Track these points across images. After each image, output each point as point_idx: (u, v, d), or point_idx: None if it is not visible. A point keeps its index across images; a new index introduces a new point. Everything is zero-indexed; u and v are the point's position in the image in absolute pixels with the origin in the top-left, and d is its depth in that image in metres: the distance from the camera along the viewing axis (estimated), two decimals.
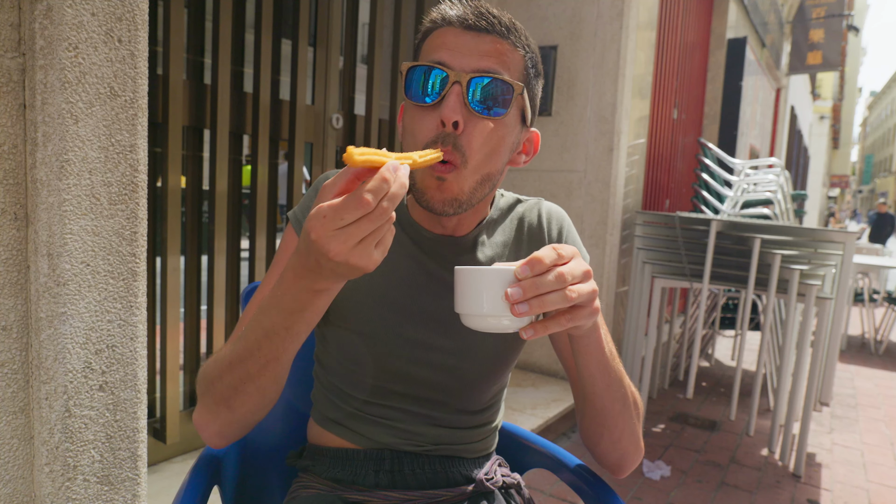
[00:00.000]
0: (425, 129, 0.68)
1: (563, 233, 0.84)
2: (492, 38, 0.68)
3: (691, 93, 4.27)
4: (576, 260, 0.57)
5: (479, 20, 0.68)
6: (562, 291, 0.54)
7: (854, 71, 35.99)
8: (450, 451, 0.80)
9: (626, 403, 0.73)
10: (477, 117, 0.67)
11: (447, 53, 0.67)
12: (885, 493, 2.28)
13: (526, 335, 0.56)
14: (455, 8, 0.69)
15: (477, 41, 0.68)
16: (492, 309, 0.56)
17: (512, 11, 2.80)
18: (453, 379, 0.78)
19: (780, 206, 3.15)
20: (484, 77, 0.66)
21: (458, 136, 0.67)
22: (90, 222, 0.79)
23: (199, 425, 0.69)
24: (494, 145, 0.69)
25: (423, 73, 0.68)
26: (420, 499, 0.75)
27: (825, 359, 2.53)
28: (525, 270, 0.54)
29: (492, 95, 0.67)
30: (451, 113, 0.65)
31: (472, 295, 0.57)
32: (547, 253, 0.55)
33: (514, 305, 0.54)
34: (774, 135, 7.50)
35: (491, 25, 0.68)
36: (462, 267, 0.59)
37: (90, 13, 0.76)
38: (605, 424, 0.74)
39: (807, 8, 7.50)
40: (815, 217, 17.53)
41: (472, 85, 0.66)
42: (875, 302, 5.21)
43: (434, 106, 0.67)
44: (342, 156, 0.52)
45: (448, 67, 0.67)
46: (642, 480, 2.23)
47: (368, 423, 0.79)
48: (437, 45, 0.69)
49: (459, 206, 0.70)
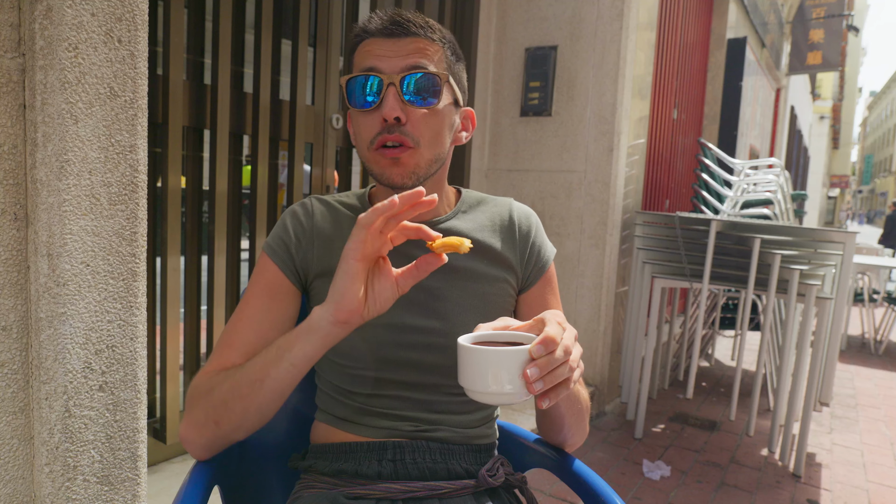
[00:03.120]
0: (370, 128, 0.76)
1: (533, 231, 0.90)
2: (410, 38, 0.76)
3: (691, 93, 4.27)
4: (569, 328, 0.62)
5: (397, 27, 0.76)
6: (567, 364, 0.58)
7: (854, 71, 35.99)
8: (449, 435, 0.82)
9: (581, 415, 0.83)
10: (415, 109, 0.76)
11: (376, 60, 0.75)
12: (885, 494, 2.28)
13: (544, 405, 0.59)
14: (373, 21, 0.77)
15: (399, 45, 0.76)
16: (512, 388, 0.57)
17: (512, 12, 2.80)
18: (444, 358, 0.81)
19: (780, 207, 3.15)
20: (413, 73, 0.75)
21: (403, 127, 0.75)
22: (90, 222, 0.79)
23: (184, 439, 0.74)
24: (437, 128, 0.78)
25: (360, 83, 0.76)
26: (422, 490, 0.76)
27: (825, 359, 2.53)
28: (540, 350, 0.57)
29: (424, 87, 0.76)
30: (391, 111, 0.73)
31: (491, 375, 0.58)
32: (556, 331, 0.59)
33: (532, 383, 0.57)
34: (774, 135, 7.50)
35: (407, 29, 0.76)
36: (475, 347, 0.59)
37: (90, 13, 0.76)
38: (562, 431, 0.84)
39: (807, 8, 7.50)
40: (815, 217, 17.53)
41: (405, 83, 0.75)
42: (875, 302, 5.21)
43: (376, 108, 0.75)
44: (427, 244, 0.62)
45: (380, 72, 0.75)
46: (642, 480, 2.23)
47: (373, 415, 0.81)
48: (366, 55, 0.77)
49: (417, 179, 0.78)
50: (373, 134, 0.76)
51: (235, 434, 0.73)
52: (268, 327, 0.78)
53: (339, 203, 0.87)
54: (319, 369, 0.87)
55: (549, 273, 0.90)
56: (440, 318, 0.81)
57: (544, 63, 2.71)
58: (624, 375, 2.87)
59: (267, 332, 0.77)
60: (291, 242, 0.82)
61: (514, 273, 0.87)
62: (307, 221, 0.84)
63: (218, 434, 0.72)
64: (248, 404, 0.69)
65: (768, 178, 3.26)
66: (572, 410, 0.81)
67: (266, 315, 0.78)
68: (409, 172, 0.76)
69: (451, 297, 0.82)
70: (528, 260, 0.88)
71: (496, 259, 0.86)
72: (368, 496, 0.75)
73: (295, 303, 0.82)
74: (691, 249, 2.61)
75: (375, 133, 0.76)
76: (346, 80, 0.77)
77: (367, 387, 0.81)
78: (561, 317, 0.63)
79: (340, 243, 0.82)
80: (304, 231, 0.83)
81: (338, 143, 2.13)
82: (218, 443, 0.74)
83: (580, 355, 0.62)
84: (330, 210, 0.86)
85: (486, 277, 0.85)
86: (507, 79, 2.82)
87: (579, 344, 0.64)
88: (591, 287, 2.71)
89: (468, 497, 0.78)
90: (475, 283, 0.84)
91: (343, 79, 0.77)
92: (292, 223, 0.84)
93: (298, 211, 0.85)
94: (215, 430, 0.72)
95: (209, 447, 0.74)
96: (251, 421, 0.71)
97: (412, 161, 0.76)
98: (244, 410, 0.69)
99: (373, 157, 0.77)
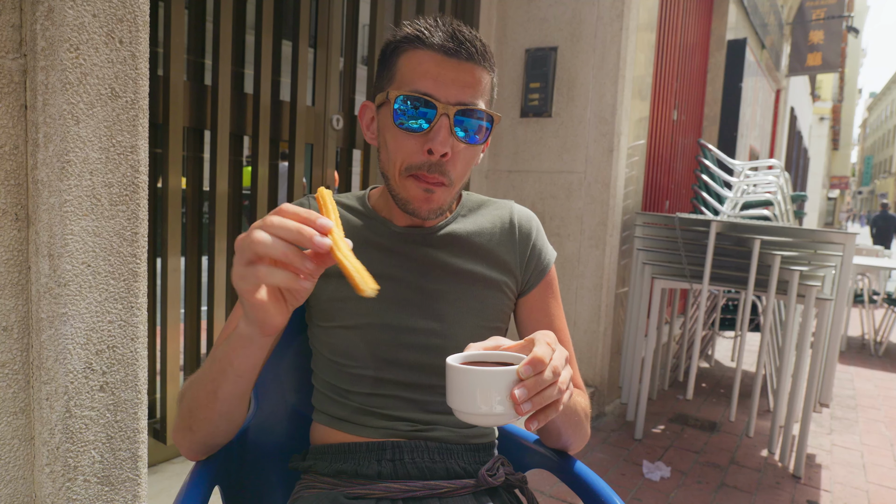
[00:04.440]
0: (412, 153, 0.74)
1: (534, 234, 0.90)
2: (471, 66, 0.74)
3: (691, 94, 4.27)
4: (559, 349, 0.60)
5: (460, 48, 0.73)
6: (556, 385, 0.57)
7: (854, 72, 35.99)
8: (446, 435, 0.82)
9: (579, 424, 0.82)
10: (461, 145, 0.75)
11: (432, 84, 0.72)
12: (885, 494, 2.28)
13: (532, 427, 0.59)
14: (434, 32, 0.74)
15: (458, 71, 0.73)
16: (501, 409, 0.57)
17: (512, 13, 2.80)
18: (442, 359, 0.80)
19: (780, 208, 3.15)
20: (468, 111, 0.73)
21: (445, 163, 0.74)
22: (91, 223, 0.79)
23: (175, 441, 0.75)
24: (469, 163, 0.78)
25: (411, 103, 0.73)
26: (421, 489, 0.76)
27: (825, 360, 2.53)
28: (528, 371, 0.56)
29: (474, 126, 0.75)
30: (442, 146, 0.72)
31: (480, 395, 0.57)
32: (545, 351, 0.58)
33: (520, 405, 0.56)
34: (774, 136, 7.50)
35: (470, 54, 0.73)
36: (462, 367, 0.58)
37: (91, 14, 0.76)
38: (560, 439, 0.84)
39: (807, 9, 7.51)
40: (815, 218, 17.53)
41: (458, 118, 0.73)
42: (875, 303, 5.21)
43: (422, 134, 0.73)
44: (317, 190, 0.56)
45: (435, 99, 0.72)
46: (642, 481, 2.23)
47: (370, 414, 0.81)
48: (421, 73, 0.73)
49: (441, 213, 0.79)
50: (411, 160, 0.74)
51: (213, 439, 0.73)
52: None
53: (339, 204, 0.88)
54: (316, 369, 0.88)
55: (549, 276, 0.91)
56: (438, 319, 0.82)
57: (544, 64, 2.71)
58: (624, 376, 2.87)
59: None
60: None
61: (513, 276, 0.87)
62: None
63: (195, 439, 0.72)
64: (210, 413, 0.69)
65: (768, 179, 3.26)
66: (569, 422, 0.80)
67: None
68: (436, 208, 0.77)
69: (449, 298, 0.82)
70: (527, 263, 0.89)
71: (496, 262, 0.86)
72: (368, 496, 0.76)
73: None
74: (691, 250, 2.61)
75: (414, 161, 0.74)
76: (396, 95, 0.73)
77: (366, 386, 0.82)
78: (552, 337, 0.62)
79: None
80: None
81: (338, 143, 2.13)
82: (199, 447, 0.74)
83: (570, 377, 0.60)
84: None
85: (485, 280, 0.85)
86: (507, 80, 2.82)
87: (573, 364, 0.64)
88: (591, 288, 2.71)
89: (468, 496, 0.78)
90: (474, 286, 0.84)
91: (394, 94, 0.73)
92: None
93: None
94: (191, 436, 0.72)
95: (194, 450, 0.75)
96: (222, 427, 0.71)
97: (443, 198, 0.77)
98: (208, 419, 0.69)
99: (403, 184, 0.76)
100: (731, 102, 4.61)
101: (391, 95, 0.74)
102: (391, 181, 0.78)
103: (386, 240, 0.84)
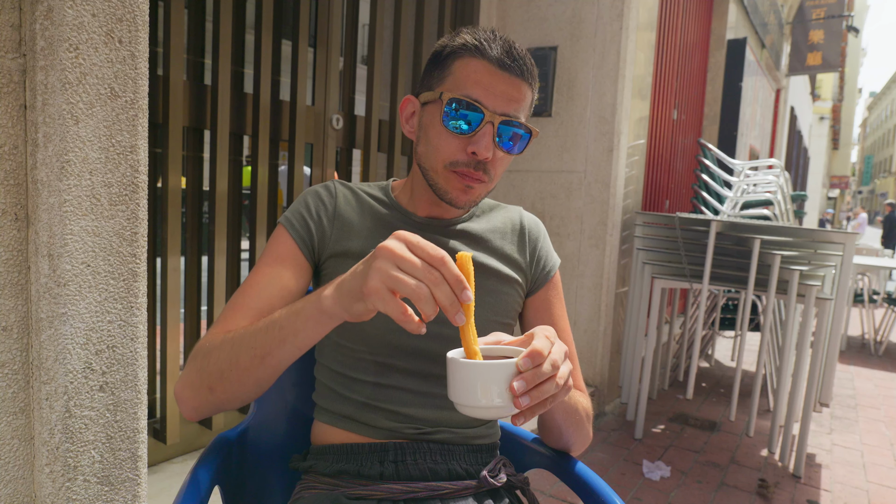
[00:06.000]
0: (454, 151, 0.79)
1: (541, 238, 0.96)
2: (519, 82, 0.79)
3: (691, 93, 4.27)
4: (557, 343, 0.61)
5: (514, 64, 0.78)
6: (554, 379, 0.58)
7: (854, 72, 35.99)
8: (448, 437, 0.83)
9: (580, 423, 0.84)
10: (501, 152, 0.81)
11: (483, 92, 0.77)
12: (885, 494, 2.28)
13: (519, 422, 0.59)
14: (493, 45, 0.78)
15: (508, 84, 0.78)
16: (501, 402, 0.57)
17: (512, 12, 2.80)
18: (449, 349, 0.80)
19: (780, 207, 3.15)
20: (511, 122, 0.79)
21: (486, 164, 0.80)
22: (91, 223, 0.79)
23: (178, 397, 0.74)
24: (505, 167, 0.85)
25: (461, 106, 0.78)
26: (423, 490, 0.76)
27: (825, 359, 2.53)
28: (527, 363, 0.57)
29: (514, 137, 0.81)
30: (486, 151, 0.77)
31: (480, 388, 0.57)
32: (544, 344, 0.59)
33: (518, 398, 0.56)
34: (774, 135, 7.50)
35: (521, 71, 0.79)
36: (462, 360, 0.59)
37: (91, 14, 0.76)
38: (561, 439, 0.86)
39: (807, 9, 7.50)
40: (815, 218, 17.53)
41: (501, 127, 0.78)
42: (875, 303, 5.21)
43: (467, 137, 0.79)
44: (457, 255, 0.59)
45: (484, 107, 0.77)
46: (642, 481, 2.23)
47: (374, 410, 0.82)
48: (474, 81, 0.78)
49: (474, 205, 0.86)
50: (456, 158, 0.80)
51: (229, 403, 0.73)
52: (276, 295, 0.79)
53: (363, 191, 0.90)
54: (320, 357, 0.88)
55: (554, 279, 0.95)
56: None
57: (544, 63, 2.71)
58: (624, 376, 2.87)
59: (275, 300, 0.78)
60: (312, 218, 0.84)
61: (523, 274, 0.91)
62: (330, 201, 0.87)
63: (211, 400, 0.72)
64: (246, 377, 0.69)
65: (768, 178, 3.26)
66: (570, 421, 0.82)
67: (276, 282, 0.79)
68: (473, 200, 0.83)
69: None
70: (535, 264, 0.93)
71: (508, 260, 0.90)
72: (370, 497, 0.76)
73: (305, 277, 0.83)
74: (691, 250, 2.61)
75: (459, 159, 0.79)
76: (449, 97, 0.78)
77: (371, 374, 0.82)
78: (551, 332, 0.62)
79: (360, 228, 0.85)
80: (326, 209, 0.86)
81: (338, 143, 2.13)
82: (209, 408, 0.74)
83: (569, 371, 0.61)
84: (354, 195, 0.89)
85: (498, 275, 0.88)
86: None
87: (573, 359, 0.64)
88: (591, 287, 2.71)
89: (470, 498, 0.78)
90: (489, 280, 0.87)
91: (447, 95, 0.78)
92: (314, 200, 0.86)
93: (321, 191, 0.88)
94: (209, 395, 0.72)
95: (200, 410, 0.74)
96: (248, 392, 0.71)
97: (480, 192, 0.83)
98: (241, 382, 0.69)
99: (446, 176, 0.81)
100: (731, 102, 4.61)
101: (444, 96, 0.78)
102: (431, 172, 0.82)
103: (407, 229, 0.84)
